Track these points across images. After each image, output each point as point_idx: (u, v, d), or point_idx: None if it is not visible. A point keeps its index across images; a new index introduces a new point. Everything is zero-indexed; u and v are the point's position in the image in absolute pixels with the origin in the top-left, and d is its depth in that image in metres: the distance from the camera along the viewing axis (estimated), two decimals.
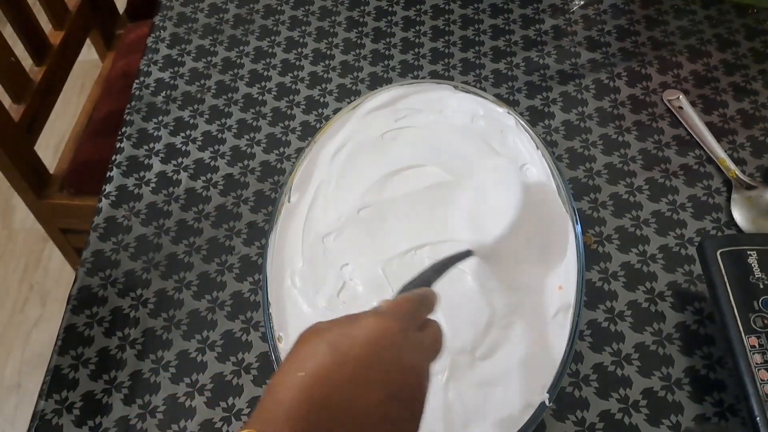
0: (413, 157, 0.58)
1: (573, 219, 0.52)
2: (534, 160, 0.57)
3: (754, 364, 0.47)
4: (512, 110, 0.59)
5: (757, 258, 0.51)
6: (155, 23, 0.81)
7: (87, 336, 0.56)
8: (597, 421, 0.50)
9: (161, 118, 0.71)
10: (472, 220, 0.51)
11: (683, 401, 0.51)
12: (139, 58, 0.77)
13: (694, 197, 0.63)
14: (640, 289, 0.57)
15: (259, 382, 0.53)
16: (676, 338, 0.54)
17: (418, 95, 0.62)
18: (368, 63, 0.75)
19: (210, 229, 0.62)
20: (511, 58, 0.75)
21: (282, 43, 0.78)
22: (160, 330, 0.56)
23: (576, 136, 0.68)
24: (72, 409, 0.52)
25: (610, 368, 0.53)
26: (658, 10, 0.79)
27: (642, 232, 0.61)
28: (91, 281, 0.59)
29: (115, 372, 0.54)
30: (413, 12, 0.81)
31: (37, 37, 0.96)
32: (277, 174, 0.66)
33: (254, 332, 0.56)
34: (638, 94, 0.71)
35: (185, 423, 0.51)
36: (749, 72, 0.73)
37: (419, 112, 0.61)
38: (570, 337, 0.47)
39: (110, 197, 0.65)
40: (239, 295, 0.58)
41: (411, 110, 0.61)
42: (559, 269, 0.51)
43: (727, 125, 0.68)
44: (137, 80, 0.75)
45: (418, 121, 0.60)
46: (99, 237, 0.62)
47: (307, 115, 0.71)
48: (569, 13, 0.80)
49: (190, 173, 0.66)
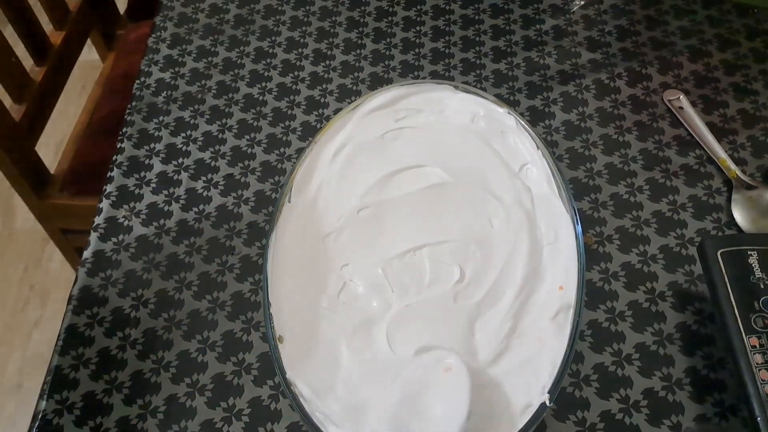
0: (414, 158, 0.58)
1: (573, 219, 0.52)
2: (534, 160, 0.57)
3: (755, 364, 0.47)
4: (513, 110, 0.59)
5: (757, 258, 0.51)
6: (156, 23, 0.81)
7: (88, 336, 0.56)
8: (597, 422, 0.51)
9: (162, 118, 0.71)
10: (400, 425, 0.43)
11: (684, 401, 0.51)
12: (140, 59, 0.77)
13: (694, 197, 0.63)
14: (641, 289, 0.57)
15: (259, 383, 0.53)
16: (677, 338, 0.54)
17: (418, 95, 0.62)
18: (369, 63, 0.75)
19: (210, 230, 0.62)
20: (512, 58, 0.75)
21: (283, 43, 0.78)
22: (161, 330, 0.56)
23: (576, 136, 0.68)
24: (72, 409, 0.52)
25: (610, 368, 0.53)
26: (659, 10, 0.79)
27: (642, 233, 0.61)
28: (92, 281, 0.59)
29: (115, 372, 0.54)
30: (414, 12, 0.81)
31: (37, 37, 0.96)
32: (278, 174, 0.66)
33: (255, 332, 0.56)
34: (639, 94, 0.71)
35: (186, 423, 0.51)
36: (750, 72, 0.73)
37: (420, 113, 0.61)
38: (570, 337, 0.47)
39: (111, 197, 0.65)
40: (240, 295, 0.58)
41: (411, 110, 0.61)
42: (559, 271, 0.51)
43: (727, 125, 0.68)
44: (138, 80, 0.75)
45: (419, 122, 0.60)
46: (99, 237, 0.62)
47: (308, 116, 0.71)
48: (570, 13, 0.80)
49: (191, 173, 0.66)
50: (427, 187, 0.56)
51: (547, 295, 0.50)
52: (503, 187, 0.55)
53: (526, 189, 0.55)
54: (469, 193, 0.55)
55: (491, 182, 0.56)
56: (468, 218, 0.54)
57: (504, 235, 0.53)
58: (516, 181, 0.56)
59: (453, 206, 0.55)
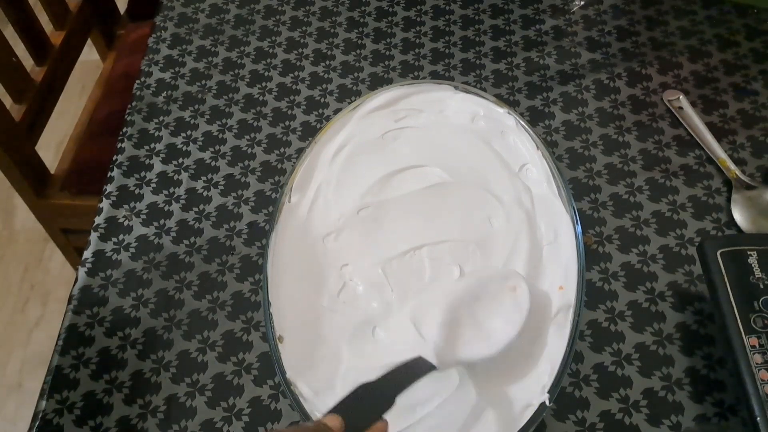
0: (414, 158, 0.58)
1: (573, 219, 0.52)
2: (534, 160, 0.57)
3: (755, 364, 0.47)
4: (512, 110, 0.59)
5: (757, 258, 0.51)
6: (156, 23, 0.81)
7: (88, 336, 0.56)
8: (597, 421, 0.51)
9: (162, 118, 0.71)
10: (450, 330, 0.45)
11: (683, 401, 0.51)
12: (140, 59, 0.77)
13: (694, 197, 0.63)
14: (641, 289, 0.57)
15: (259, 382, 0.53)
16: (677, 338, 0.54)
17: (418, 95, 0.62)
18: (369, 63, 0.75)
19: (211, 229, 0.62)
20: (512, 58, 0.75)
21: (283, 43, 0.78)
22: (161, 330, 0.56)
23: (576, 136, 0.68)
24: (73, 409, 0.52)
25: (610, 368, 0.53)
26: (659, 11, 0.79)
27: (642, 233, 0.61)
28: (92, 281, 0.59)
29: (115, 372, 0.54)
30: (414, 12, 0.81)
31: (38, 37, 0.96)
32: (278, 174, 0.66)
33: (255, 332, 0.56)
34: (638, 94, 0.71)
35: (186, 423, 0.51)
36: (749, 72, 0.73)
37: (420, 113, 0.61)
38: (570, 337, 0.47)
39: (111, 197, 0.65)
40: (240, 295, 0.58)
41: (411, 110, 0.61)
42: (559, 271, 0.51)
43: (727, 125, 0.68)
44: (138, 80, 0.75)
45: (419, 122, 0.60)
46: (100, 237, 0.62)
47: (308, 116, 0.71)
48: (569, 13, 0.80)
49: (191, 173, 0.66)
50: (427, 187, 0.56)
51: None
52: (503, 187, 0.55)
53: (526, 189, 0.56)
54: (468, 193, 0.56)
55: (491, 182, 0.56)
56: (468, 218, 0.54)
57: (504, 235, 0.53)
58: (516, 181, 0.56)
59: (453, 206, 0.55)
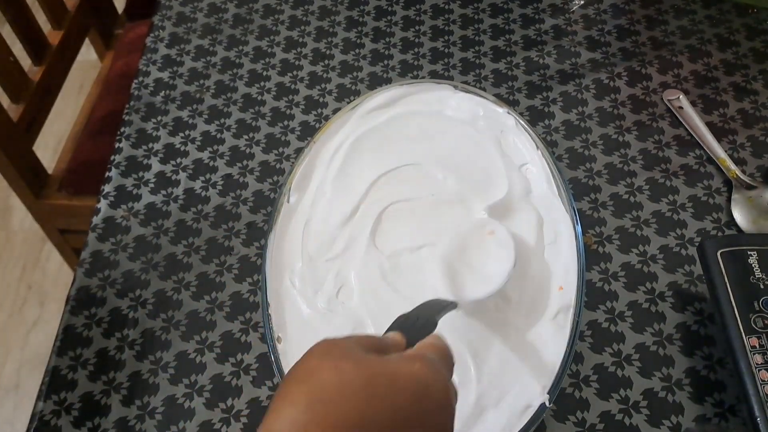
0: (413, 157, 0.57)
1: (573, 219, 0.52)
2: (534, 160, 0.57)
3: (755, 364, 0.47)
4: (512, 110, 0.59)
5: (757, 258, 0.51)
6: (154, 23, 0.81)
7: (86, 337, 0.56)
8: (597, 422, 0.50)
9: (160, 118, 0.71)
10: (454, 276, 0.49)
11: (684, 402, 0.51)
12: (138, 58, 0.77)
13: (694, 197, 0.63)
14: (641, 289, 0.57)
15: (258, 383, 0.53)
16: (677, 339, 0.54)
17: (417, 95, 0.62)
18: (368, 63, 0.75)
19: (209, 230, 0.62)
20: (511, 57, 0.75)
21: (281, 42, 0.78)
22: (159, 331, 0.56)
23: (576, 136, 0.68)
24: (71, 410, 0.52)
25: (610, 369, 0.53)
26: (658, 10, 0.79)
27: (642, 233, 0.60)
28: (90, 282, 0.59)
29: (113, 373, 0.54)
30: (413, 12, 0.80)
31: (35, 36, 0.96)
32: (277, 174, 0.66)
33: (253, 333, 0.56)
34: (638, 94, 0.71)
35: (184, 424, 0.51)
36: (749, 72, 0.72)
37: (419, 112, 0.61)
38: (570, 337, 0.47)
39: (109, 197, 0.65)
40: (238, 295, 0.58)
41: (411, 110, 0.61)
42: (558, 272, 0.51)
43: (727, 125, 0.68)
44: (136, 80, 0.75)
45: (418, 121, 0.60)
46: (98, 237, 0.62)
47: (307, 115, 0.70)
48: (569, 12, 0.80)
49: (189, 173, 0.66)
50: (426, 186, 0.56)
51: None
52: (503, 187, 0.55)
53: (527, 185, 0.55)
54: (468, 193, 0.55)
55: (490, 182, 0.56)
56: (467, 218, 0.54)
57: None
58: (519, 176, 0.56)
59: (452, 206, 0.55)
